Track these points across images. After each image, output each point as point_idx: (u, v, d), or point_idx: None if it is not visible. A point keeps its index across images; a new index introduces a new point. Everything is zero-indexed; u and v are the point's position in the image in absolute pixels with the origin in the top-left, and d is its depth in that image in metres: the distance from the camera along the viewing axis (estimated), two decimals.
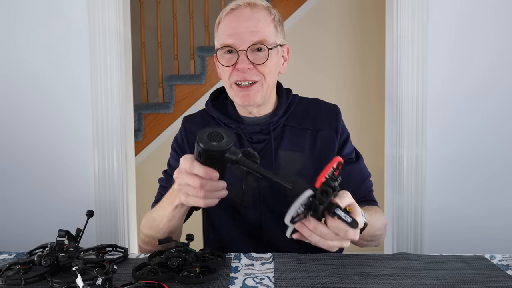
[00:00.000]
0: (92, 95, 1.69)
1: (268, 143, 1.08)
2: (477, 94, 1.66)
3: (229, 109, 1.13)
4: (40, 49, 1.69)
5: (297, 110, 1.13)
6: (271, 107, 1.12)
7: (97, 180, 1.71)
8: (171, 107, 3.14)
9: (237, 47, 1.01)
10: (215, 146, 0.77)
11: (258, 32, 1.01)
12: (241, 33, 1.01)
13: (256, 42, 1.01)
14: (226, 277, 0.84)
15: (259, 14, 1.03)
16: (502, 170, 1.67)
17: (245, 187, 1.06)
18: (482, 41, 1.65)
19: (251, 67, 1.01)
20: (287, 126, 1.10)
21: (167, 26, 3.46)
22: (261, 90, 1.04)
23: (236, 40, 1.01)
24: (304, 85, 3.08)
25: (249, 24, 1.01)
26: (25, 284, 0.81)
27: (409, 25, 1.66)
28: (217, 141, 0.77)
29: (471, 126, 1.67)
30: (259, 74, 1.03)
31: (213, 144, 0.77)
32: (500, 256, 0.96)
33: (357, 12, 3.18)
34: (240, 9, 1.03)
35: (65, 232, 0.90)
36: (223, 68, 1.05)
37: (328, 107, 1.16)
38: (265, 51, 1.02)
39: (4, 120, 1.70)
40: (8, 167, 1.71)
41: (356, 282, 0.81)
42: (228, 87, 1.07)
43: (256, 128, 1.08)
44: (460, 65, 1.66)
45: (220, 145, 0.77)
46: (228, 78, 1.05)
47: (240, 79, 1.03)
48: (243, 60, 1.01)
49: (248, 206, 1.07)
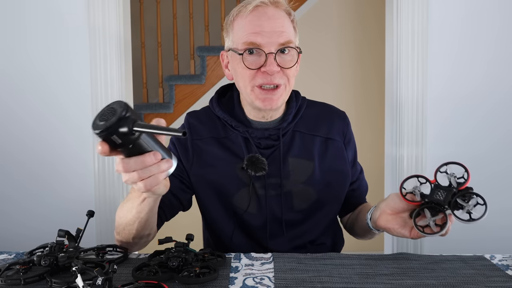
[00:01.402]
0: (92, 95, 1.69)
1: (277, 149, 1.04)
2: (477, 94, 1.66)
3: (236, 110, 1.07)
4: (40, 49, 1.69)
5: (307, 115, 1.10)
6: (281, 111, 1.07)
7: (97, 180, 1.71)
8: (171, 107, 3.14)
9: (264, 48, 0.95)
10: (102, 126, 0.65)
11: (285, 32, 0.96)
12: (268, 32, 0.95)
13: (284, 43, 0.96)
14: (226, 277, 0.84)
15: (283, 14, 0.99)
16: (501, 170, 1.67)
17: (252, 194, 1.03)
18: (482, 41, 1.65)
19: (279, 70, 0.96)
20: (296, 131, 1.07)
21: (167, 26, 3.46)
22: (284, 94, 1.00)
23: (264, 40, 0.95)
24: (304, 85, 3.07)
25: (275, 23, 0.96)
26: (24, 284, 0.81)
27: (409, 25, 1.66)
28: (104, 120, 0.66)
29: (471, 126, 1.67)
30: (284, 77, 0.98)
31: (100, 124, 0.66)
32: (500, 256, 0.96)
33: (357, 12, 3.18)
34: (265, 6, 0.97)
35: (65, 232, 0.90)
36: (245, 70, 0.97)
37: (339, 116, 1.14)
38: (290, 54, 0.98)
39: (4, 120, 1.70)
40: (8, 167, 1.71)
41: (356, 282, 0.81)
42: (249, 90, 0.99)
43: (265, 133, 1.04)
44: (460, 65, 1.66)
45: (106, 123, 0.65)
46: (250, 81, 0.98)
47: (266, 82, 0.96)
48: (272, 63, 0.95)
49: (253, 213, 1.04)
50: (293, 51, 0.98)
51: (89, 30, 1.68)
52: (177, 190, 1.05)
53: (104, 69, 1.69)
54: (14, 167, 1.71)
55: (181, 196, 1.06)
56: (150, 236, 0.99)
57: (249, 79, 0.98)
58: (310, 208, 1.07)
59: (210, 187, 1.05)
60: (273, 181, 1.03)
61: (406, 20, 1.66)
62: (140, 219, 0.89)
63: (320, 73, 3.19)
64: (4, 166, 1.71)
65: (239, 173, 1.03)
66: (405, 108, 1.67)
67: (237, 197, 1.04)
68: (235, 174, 1.03)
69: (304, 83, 3.12)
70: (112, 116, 0.66)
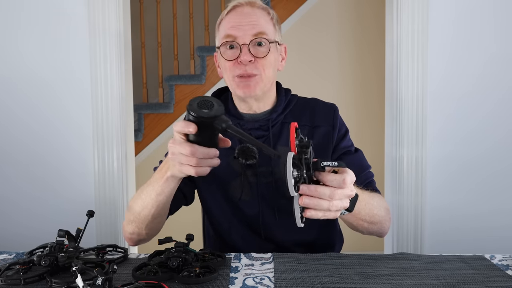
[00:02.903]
0: (92, 95, 1.69)
1: (267, 139, 1.11)
2: (477, 94, 1.66)
3: (230, 107, 1.17)
4: (40, 49, 1.69)
5: (296, 109, 1.16)
6: (270, 104, 1.15)
7: (97, 180, 1.71)
8: (171, 107, 3.14)
9: (239, 40, 1.05)
10: (204, 113, 0.76)
11: (258, 25, 1.07)
12: (243, 25, 1.06)
13: (257, 34, 1.06)
14: (226, 277, 0.84)
15: (259, 12, 1.09)
16: (502, 170, 1.67)
17: (244, 182, 1.09)
18: (482, 41, 1.65)
19: (253, 59, 1.05)
20: (285, 123, 1.13)
21: (167, 26, 3.46)
22: (261, 83, 1.08)
23: (238, 32, 1.05)
24: (304, 85, 3.08)
25: (250, 19, 1.07)
26: (24, 284, 0.81)
27: (409, 25, 1.66)
28: (207, 109, 0.77)
29: (471, 126, 1.67)
30: (259, 67, 1.07)
31: (203, 111, 0.77)
32: (500, 256, 0.97)
33: (357, 12, 3.18)
34: (241, 6, 1.09)
35: (65, 232, 0.90)
36: (225, 62, 1.08)
37: (326, 106, 1.19)
38: (265, 45, 1.07)
39: (4, 121, 1.70)
40: (8, 167, 1.71)
41: (356, 282, 0.81)
42: (231, 81, 1.10)
43: (255, 124, 1.12)
44: (460, 65, 1.66)
45: (209, 113, 0.77)
46: (230, 71, 1.08)
47: (241, 72, 1.06)
48: (246, 53, 1.05)
49: (246, 200, 1.11)
50: (268, 43, 1.07)
51: (89, 30, 1.68)
52: (183, 185, 1.11)
53: (104, 69, 1.69)
54: (14, 168, 1.71)
55: (184, 188, 1.12)
56: (160, 224, 1.05)
57: (229, 70, 1.08)
58: None
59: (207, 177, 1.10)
60: (264, 169, 1.09)
61: (406, 20, 1.66)
62: (158, 202, 0.95)
63: (320, 73, 3.19)
64: (4, 167, 1.71)
65: (232, 162, 1.09)
66: (405, 108, 1.67)
67: (231, 186, 1.12)
68: (228, 164, 1.09)
69: (304, 83, 3.12)
70: (213, 108, 0.77)
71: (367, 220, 1.00)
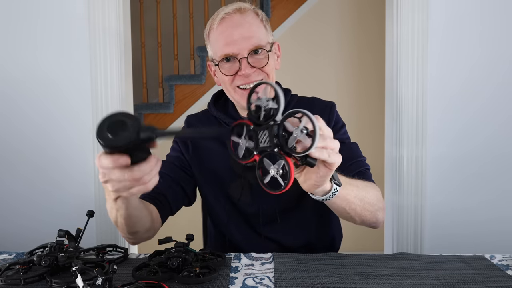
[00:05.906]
0: (92, 95, 1.69)
1: None
2: (477, 94, 1.66)
3: (230, 110, 1.18)
4: (40, 49, 1.69)
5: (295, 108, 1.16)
6: None
7: (97, 180, 1.70)
8: (171, 107, 3.14)
9: (237, 55, 1.04)
10: (128, 138, 0.63)
11: (253, 37, 1.05)
12: (236, 40, 1.04)
13: (254, 47, 1.05)
14: (226, 277, 0.84)
15: (249, 18, 1.07)
16: (502, 171, 1.67)
17: (244, 184, 1.10)
18: (483, 41, 1.65)
19: (254, 70, 1.05)
20: None
21: (167, 26, 3.46)
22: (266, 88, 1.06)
23: (234, 49, 1.04)
24: (304, 84, 3.08)
25: (242, 29, 1.05)
26: (24, 284, 0.81)
27: (409, 25, 1.66)
28: (125, 131, 0.63)
29: (471, 126, 1.66)
30: (262, 74, 1.06)
31: (124, 135, 0.63)
32: (500, 256, 0.97)
33: (357, 12, 3.18)
34: (230, 16, 1.06)
35: (65, 232, 0.90)
36: (224, 76, 1.08)
37: (324, 103, 1.20)
38: (263, 53, 1.06)
39: (4, 121, 1.70)
40: (7, 167, 1.71)
41: (356, 282, 0.81)
42: (232, 92, 1.09)
43: None
44: (460, 65, 1.66)
45: (131, 135, 0.63)
46: (230, 84, 1.08)
47: (244, 82, 1.05)
48: (246, 66, 1.04)
49: (246, 201, 1.12)
50: (266, 52, 1.06)
51: (89, 30, 1.67)
52: (183, 181, 1.13)
53: (104, 69, 1.69)
54: (14, 167, 1.71)
55: (186, 187, 1.14)
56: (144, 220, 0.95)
57: (229, 83, 1.08)
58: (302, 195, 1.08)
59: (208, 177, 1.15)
60: None
61: (406, 20, 1.66)
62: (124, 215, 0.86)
63: (320, 73, 3.19)
64: (3, 166, 1.71)
65: (232, 164, 1.11)
66: (405, 108, 1.67)
67: (231, 187, 1.13)
68: (228, 165, 1.11)
69: (304, 81, 3.12)
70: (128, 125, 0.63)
71: (358, 205, 0.94)
